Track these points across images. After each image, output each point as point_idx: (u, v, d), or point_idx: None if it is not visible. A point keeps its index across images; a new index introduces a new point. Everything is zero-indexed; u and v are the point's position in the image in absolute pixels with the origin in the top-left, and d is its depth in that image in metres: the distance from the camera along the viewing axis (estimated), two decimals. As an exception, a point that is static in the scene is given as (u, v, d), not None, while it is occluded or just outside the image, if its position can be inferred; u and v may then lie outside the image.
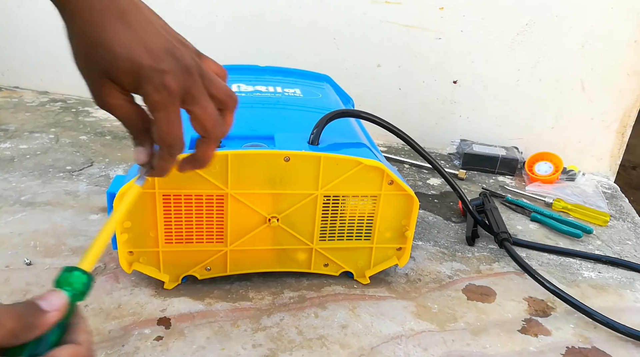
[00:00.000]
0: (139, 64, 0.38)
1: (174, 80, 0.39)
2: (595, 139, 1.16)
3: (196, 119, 0.42)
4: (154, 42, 0.39)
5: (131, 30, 0.38)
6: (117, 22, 0.38)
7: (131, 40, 0.38)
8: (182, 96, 0.40)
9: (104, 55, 0.38)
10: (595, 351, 0.62)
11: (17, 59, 1.34)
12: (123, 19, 0.38)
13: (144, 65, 0.38)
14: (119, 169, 0.96)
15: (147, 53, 0.38)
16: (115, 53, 0.37)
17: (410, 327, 0.63)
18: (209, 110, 0.42)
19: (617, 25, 1.06)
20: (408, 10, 1.12)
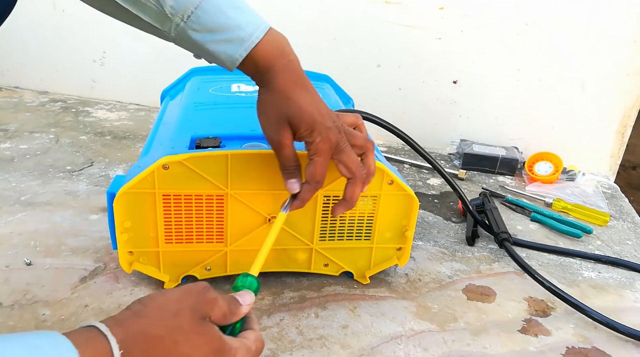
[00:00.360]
0: (315, 120, 0.53)
1: (333, 135, 0.54)
2: (595, 139, 1.16)
3: (344, 165, 0.55)
4: (323, 108, 0.55)
5: (310, 97, 0.55)
6: (303, 89, 0.55)
7: (311, 103, 0.54)
8: (335, 148, 0.55)
9: (293, 107, 0.53)
10: (595, 351, 0.62)
11: (17, 59, 1.34)
12: (306, 89, 0.55)
13: (318, 121, 0.53)
14: (119, 169, 0.96)
15: (319, 114, 0.54)
16: (302, 108, 0.53)
17: (410, 327, 0.63)
18: (352, 157, 0.56)
19: (617, 25, 1.06)
20: (408, 10, 1.12)
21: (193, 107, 0.77)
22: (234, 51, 0.53)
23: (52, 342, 0.32)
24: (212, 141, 0.63)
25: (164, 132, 0.71)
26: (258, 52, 0.53)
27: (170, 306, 0.38)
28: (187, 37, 0.53)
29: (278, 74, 0.54)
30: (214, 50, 0.53)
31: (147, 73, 1.29)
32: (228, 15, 0.53)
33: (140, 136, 1.12)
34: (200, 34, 0.52)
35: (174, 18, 0.51)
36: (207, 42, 0.53)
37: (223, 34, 0.52)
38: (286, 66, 0.55)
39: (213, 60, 0.55)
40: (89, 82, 1.33)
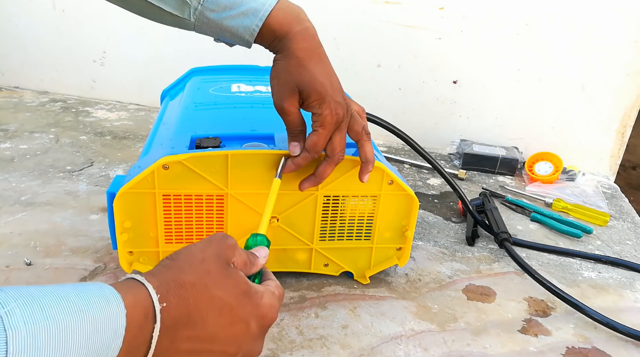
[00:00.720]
0: (327, 91, 0.55)
1: (341, 111, 0.56)
2: (595, 139, 1.16)
3: (332, 142, 0.57)
4: (336, 81, 0.57)
5: (325, 68, 0.56)
6: (318, 59, 0.56)
7: (325, 74, 0.56)
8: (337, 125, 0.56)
9: (306, 75, 0.55)
10: (595, 351, 0.62)
11: (17, 59, 1.34)
12: (321, 59, 0.56)
13: (329, 93, 0.55)
14: (119, 169, 0.96)
15: (331, 87, 0.56)
16: (315, 77, 0.55)
17: (410, 327, 0.63)
18: (343, 140, 0.58)
19: (617, 25, 1.06)
20: (408, 10, 1.12)
21: (193, 107, 0.77)
22: (250, 22, 0.55)
23: (97, 285, 0.35)
24: (212, 141, 0.63)
25: (164, 132, 0.71)
26: (273, 20, 0.55)
27: (196, 255, 0.41)
28: (205, 19, 0.55)
29: (294, 40, 0.55)
30: (231, 25, 0.55)
31: (147, 73, 1.29)
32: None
33: (140, 136, 1.12)
34: (217, 13, 0.55)
35: (192, 2, 0.54)
36: (225, 19, 0.55)
37: (238, 8, 0.55)
38: (303, 33, 0.56)
39: (232, 37, 0.57)
40: (89, 82, 1.33)
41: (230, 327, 0.40)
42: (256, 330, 0.42)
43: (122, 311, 0.34)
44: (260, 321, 0.42)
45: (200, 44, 1.20)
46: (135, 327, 0.34)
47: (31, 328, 0.28)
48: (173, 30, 0.60)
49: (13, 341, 0.27)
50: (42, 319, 0.29)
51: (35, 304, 0.30)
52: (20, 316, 0.28)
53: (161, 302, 0.36)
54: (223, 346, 0.40)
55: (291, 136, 0.58)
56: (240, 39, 0.56)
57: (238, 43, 0.58)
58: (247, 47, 0.58)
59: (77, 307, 0.32)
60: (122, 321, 0.33)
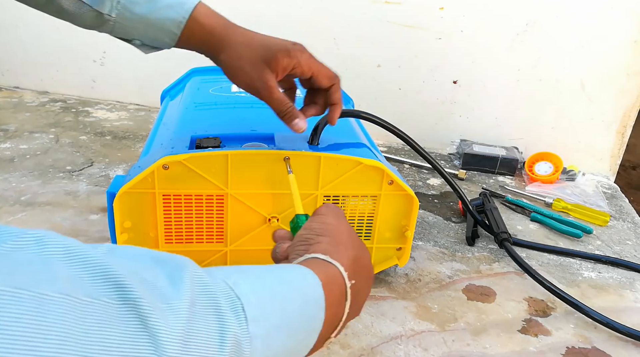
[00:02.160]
0: (285, 44, 0.57)
1: (306, 50, 0.59)
2: (595, 139, 1.16)
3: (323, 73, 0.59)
4: (284, 41, 0.58)
5: (266, 36, 0.58)
6: (256, 34, 0.58)
7: (271, 39, 0.58)
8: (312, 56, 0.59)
9: (260, 47, 0.56)
10: (595, 351, 0.62)
11: (17, 59, 1.34)
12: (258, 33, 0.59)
13: (287, 44, 0.57)
14: (119, 169, 0.96)
15: (286, 43, 0.57)
16: (267, 43, 0.57)
17: (410, 328, 0.63)
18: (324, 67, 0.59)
19: (617, 25, 1.06)
20: (408, 10, 1.12)
21: (193, 107, 0.77)
22: (177, 14, 0.55)
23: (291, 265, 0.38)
24: (212, 141, 0.63)
25: (164, 132, 0.71)
26: (199, 13, 0.56)
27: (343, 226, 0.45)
28: (129, 13, 0.55)
29: (229, 29, 0.57)
30: (157, 18, 0.55)
31: (147, 73, 1.29)
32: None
33: (140, 136, 1.12)
34: (141, 6, 0.55)
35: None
36: (150, 12, 0.55)
37: (161, 1, 0.55)
38: (231, 23, 0.58)
39: (157, 33, 0.56)
40: (89, 82, 1.33)
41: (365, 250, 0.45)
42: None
43: (318, 284, 0.35)
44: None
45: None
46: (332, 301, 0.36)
47: (259, 297, 0.30)
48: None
49: (249, 309, 0.29)
50: (263, 289, 0.31)
51: (251, 277, 0.32)
52: (246, 286, 0.30)
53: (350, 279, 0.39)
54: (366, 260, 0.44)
55: (287, 117, 0.58)
56: (167, 33, 0.56)
57: (161, 43, 0.57)
58: (170, 46, 0.58)
59: (284, 279, 0.34)
60: (320, 292, 0.35)
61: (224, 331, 0.27)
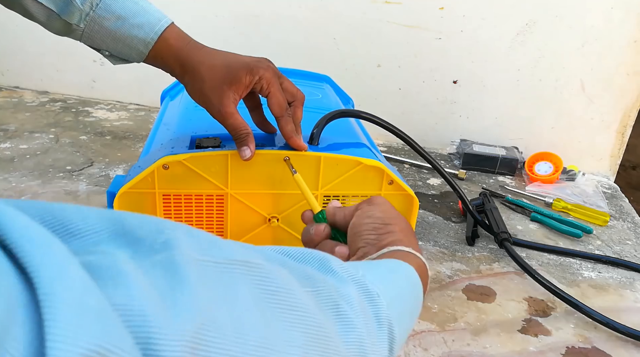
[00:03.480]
0: (248, 62, 0.57)
1: (266, 62, 0.58)
2: (595, 139, 1.16)
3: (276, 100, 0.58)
4: (247, 58, 0.59)
5: (229, 54, 0.59)
6: (220, 53, 0.59)
7: (233, 57, 0.58)
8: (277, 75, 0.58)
9: (223, 68, 0.56)
10: (595, 351, 0.62)
11: (17, 59, 1.34)
12: (222, 52, 0.59)
13: (251, 61, 0.57)
14: (119, 169, 0.96)
15: (249, 60, 0.58)
16: (230, 64, 0.57)
17: (410, 327, 0.63)
18: (281, 94, 0.59)
19: (617, 25, 1.06)
20: (408, 10, 1.12)
21: (193, 107, 0.77)
22: (146, 34, 0.56)
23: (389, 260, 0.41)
24: (212, 141, 0.63)
25: (164, 132, 0.71)
26: (169, 34, 0.57)
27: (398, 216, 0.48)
28: (98, 26, 0.55)
29: (193, 50, 0.57)
30: (125, 36, 0.56)
31: (147, 73, 1.28)
32: (135, 2, 0.56)
33: (140, 136, 1.12)
34: (111, 22, 0.55)
35: (84, 7, 0.54)
36: (119, 29, 0.55)
37: (133, 19, 0.55)
38: (197, 44, 0.58)
39: (126, 49, 0.57)
40: (89, 82, 1.33)
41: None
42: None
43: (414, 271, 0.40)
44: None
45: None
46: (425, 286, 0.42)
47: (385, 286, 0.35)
48: (173, 30, 0.60)
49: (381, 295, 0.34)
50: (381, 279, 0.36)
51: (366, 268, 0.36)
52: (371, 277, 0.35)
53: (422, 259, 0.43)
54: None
55: (239, 142, 0.58)
56: (134, 50, 0.57)
57: (129, 57, 0.58)
58: (137, 61, 0.59)
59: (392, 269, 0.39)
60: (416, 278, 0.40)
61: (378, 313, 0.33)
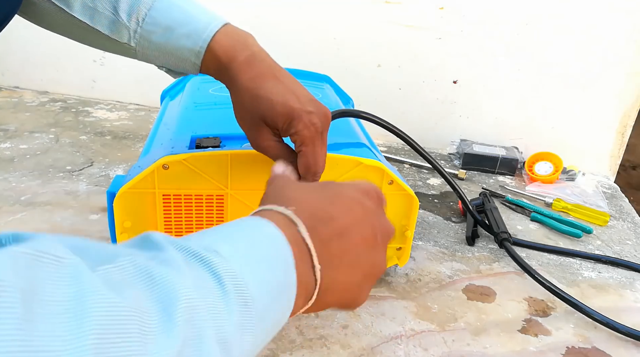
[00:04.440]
0: (292, 107, 0.49)
1: (318, 119, 0.50)
2: (595, 139, 1.16)
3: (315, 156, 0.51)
4: (301, 92, 0.51)
5: (283, 84, 0.51)
6: (272, 79, 0.51)
7: (284, 91, 0.50)
8: (321, 134, 0.51)
9: (264, 103, 0.50)
10: (595, 351, 0.62)
11: (17, 59, 1.34)
12: (276, 78, 0.51)
13: (295, 108, 0.49)
14: (119, 169, 0.96)
15: (297, 99, 0.50)
16: (273, 101, 0.49)
17: (410, 327, 0.63)
18: (323, 151, 0.53)
19: (617, 25, 1.06)
20: (408, 10, 1.12)
21: (193, 107, 0.77)
22: (194, 44, 0.52)
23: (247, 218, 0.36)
24: (212, 141, 0.63)
25: (164, 132, 0.71)
26: (217, 44, 0.52)
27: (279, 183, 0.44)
28: (147, 42, 0.53)
29: (241, 70, 0.51)
30: (176, 47, 0.52)
31: (147, 73, 1.28)
32: (183, 10, 0.53)
33: (140, 136, 1.12)
34: (159, 35, 0.52)
35: (130, 24, 0.52)
36: (168, 41, 0.52)
37: (180, 29, 0.52)
38: (249, 60, 0.51)
39: (178, 62, 0.54)
40: (89, 82, 1.33)
41: (351, 211, 0.39)
42: (372, 206, 0.41)
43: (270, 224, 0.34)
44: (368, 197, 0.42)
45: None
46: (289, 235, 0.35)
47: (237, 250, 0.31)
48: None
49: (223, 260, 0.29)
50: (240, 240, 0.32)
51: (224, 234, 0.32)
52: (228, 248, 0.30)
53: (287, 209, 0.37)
54: (358, 230, 0.38)
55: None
56: (187, 62, 0.53)
57: (184, 70, 0.55)
58: (194, 73, 0.55)
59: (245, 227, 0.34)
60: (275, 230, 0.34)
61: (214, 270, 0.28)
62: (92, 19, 0.53)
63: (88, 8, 0.53)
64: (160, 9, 0.52)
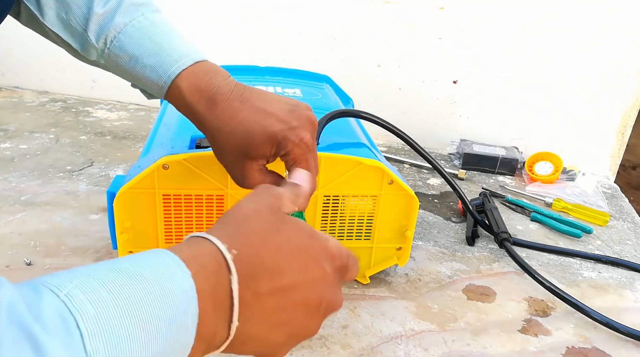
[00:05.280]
0: (273, 132, 0.45)
1: (305, 131, 0.47)
2: (595, 139, 1.16)
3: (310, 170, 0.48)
4: (277, 107, 0.47)
5: (255, 108, 0.46)
6: (243, 109, 0.46)
7: (259, 117, 0.46)
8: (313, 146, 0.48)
9: (241, 138, 0.46)
10: (595, 351, 0.62)
11: (17, 59, 1.34)
12: (246, 104, 0.47)
13: (277, 131, 0.45)
14: (119, 169, 0.96)
15: (276, 120, 0.46)
16: (251, 133, 0.46)
17: (410, 327, 0.63)
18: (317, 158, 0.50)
19: (617, 25, 1.06)
20: (408, 10, 1.12)
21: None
22: (158, 78, 0.49)
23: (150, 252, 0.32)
24: (212, 141, 0.63)
25: (164, 132, 0.71)
26: (182, 83, 0.48)
27: (249, 207, 0.37)
28: (114, 64, 0.51)
29: (208, 111, 0.48)
30: (140, 76, 0.50)
31: (147, 73, 1.29)
32: (153, 40, 0.50)
33: (140, 136, 1.12)
34: (125, 61, 0.50)
35: (98, 44, 0.51)
36: (132, 69, 0.50)
37: (146, 59, 0.49)
38: (214, 98, 0.48)
39: (148, 89, 0.52)
40: (89, 82, 1.33)
41: (306, 270, 0.36)
42: (331, 273, 0.37)
43: (186, 273, 0.30)
44: (332, 262, 0.38)
45: (200, 44, 1.20)
46: (208, 286, 0.31)
47: (98, 306, 0.26)
48: (173, 30, 0.60)
49: (84, 322, 0.25)
50: (106, 295, 0.26)
51: (93, 281, 0.27)
52: (83, 296, 0.26)
53: (230, 251, 0.33)
54: (305, 293, 0.35)
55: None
56: (154, 91, 0.51)
57: (155, 95, 0.53)
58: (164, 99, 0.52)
59: (137, 276, 0.29)
60: (188, 282, 0.30)
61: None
62: (64, 31, 0.52)
63: (62, 20, 0.51)
64: (130, 35, 0.50)
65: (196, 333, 0.30)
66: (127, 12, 0.51)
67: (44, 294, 0.26)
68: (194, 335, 0.30)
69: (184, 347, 0.30)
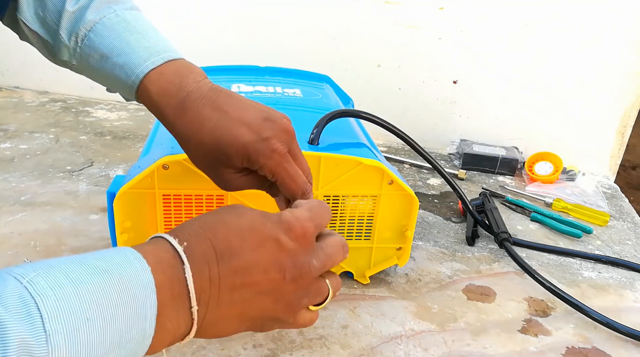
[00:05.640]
0: (243, 144, 0.43)
1: (279, 141, 0.44)
2: (595, 139, 1.16)
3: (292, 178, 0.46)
4: (250, 115, 0.45)
5: (227, 116, 0.44)
6: (213, 117, 0.44)
7: (230, 125, 0.44)
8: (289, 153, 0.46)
9: (212, 148, 0.44)
10: (595, 351, 0.62)
11: (17, 59, 1.34)
12: (217, 108, 0.45)
13: (248, 142, 0.43)
14: (119, 169, 0.96)
15: (247, 129, 0.44)
16: (220, 142, 0.44)
17: (410, 327, 0.63)
18: (306, 164, 0.48)
19: (617, 25, 1.06)
20: (408, 10, 1.12)
21: (193, 107, 0.77)
22: (127, 77, 0.47)
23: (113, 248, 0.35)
24: (212, 141, 0.63)
25: (164, 132, 0.71)
26: (150, 84, 0.46)
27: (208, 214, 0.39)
28: (85, 64, 0.50)
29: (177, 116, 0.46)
30: (110, 77, 0.48)
31: (147, 73, 1.29)
32: (123, 38, 0.48)
33: (140, 136, 1.12)
34: (96, 60, 0.49)
35: (70, 42, 0.49)
36: (103, 68, 0.48)
37: (116, 58, 0.47)
38: (182, 103, 0.45)
39: (120, 91, 0.51)
40: (89, 82, 1.32)
41: (260, 247, 0.36)
42: (292, 243, 0.37)
43: (145, 267, 0.32)
44: (289, 233, 0.37)
45: (200, 44, 1.20)
46: (166, 278, 0.33)
47: (59, 292, 0.28)
48: (172, 31, 0.60)
49: (44, 306, 0.27)
50: (67, 283, 0.29)
51: (55, 271, 0.29)
52: (45, 283, 0.28)
53: (181, 243, 0.35)
54: (264, 272, 0.36)
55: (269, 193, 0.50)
56: (125, 92, 0.49)
57: (127, 98, 0.51)
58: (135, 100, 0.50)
59: (99, 268, 0.31)
60: (147, 275, 0.32)
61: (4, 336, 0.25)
62: (42, 29, 0.50)
63: (39, 17, 0.50)
64: (100, 33, 0.48)
65: (157, 323, 0.32)
66: (99, 10, 0.49)
67: (8, 280, 0.28)
68: (153, 325, 0.32)
69: (144, 337, 0.31)
